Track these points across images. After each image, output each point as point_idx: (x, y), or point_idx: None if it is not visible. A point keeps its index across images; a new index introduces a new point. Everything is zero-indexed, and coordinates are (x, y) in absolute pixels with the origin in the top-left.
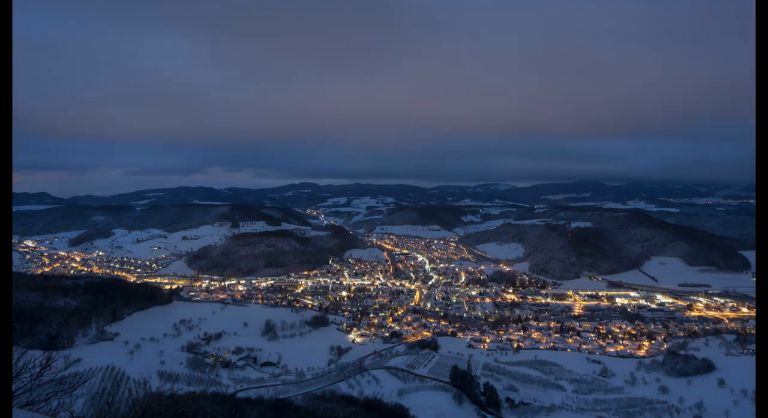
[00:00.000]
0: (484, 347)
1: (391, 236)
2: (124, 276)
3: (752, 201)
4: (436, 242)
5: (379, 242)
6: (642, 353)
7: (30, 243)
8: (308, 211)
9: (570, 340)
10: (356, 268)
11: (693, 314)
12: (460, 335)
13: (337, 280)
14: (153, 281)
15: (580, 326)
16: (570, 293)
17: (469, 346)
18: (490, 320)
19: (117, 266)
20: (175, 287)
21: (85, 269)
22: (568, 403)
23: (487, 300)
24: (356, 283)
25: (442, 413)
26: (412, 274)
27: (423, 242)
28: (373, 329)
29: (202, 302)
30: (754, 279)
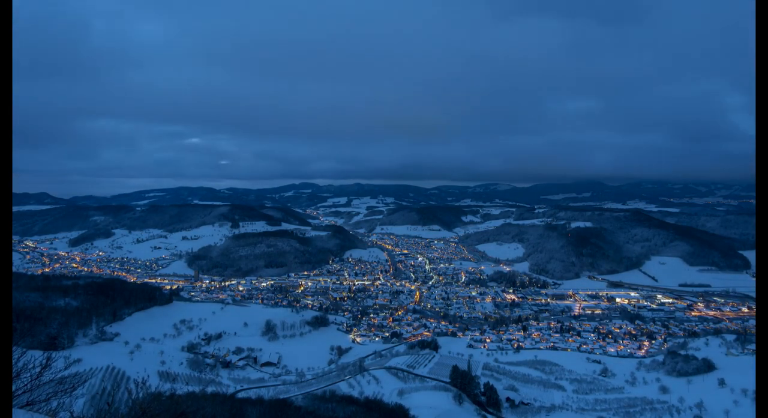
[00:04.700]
0: (484, 347)
1: (391, 236)
2: (124, 276)
3: (752, 201)
4: (436, 242)
5: (379, 242)
6: (642, 353)
7: (30, 243)
8: (308, 211)
9: (570, 340)
10: (356, 268)
11: (693, 313)
12: (460, 335)
13: (338, 280)
14: (153, 281)
15: (580, 326)
16: (570, 293)
17: (470, 346)
18: (490, 320)
19: (117, 266)
20: (175, 287)
21: (85, 269)
22: (568, 403)
23: (487, 300)
24: (356, 283)
25: (442, 413)
26: (412, 274)
27: (423, 242)
28: (373, 329)
29: (202, 302)
30: (754, 279)
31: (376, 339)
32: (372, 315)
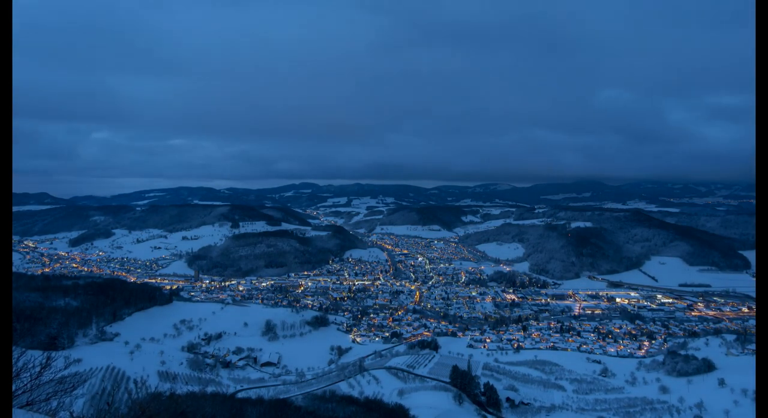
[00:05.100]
0: (484, 347)
1: (391, 236)
2: (124, 276)
3: (752, 201)
4: (436, 242)
5: (379, 242)
6: (642, 353)
7: (30, 243)
8: (308, 211)
9: (570, 340)
10: (356, 268)
11: (693, 313)
12: (460, 335)
13: (338, 280)
14: (153, 281)
15: (580, 326)
16: (570, 293)
17: (470, 346)
18: (490, 320)
19: (117, 266)
20: (175, 287)
21: (85, 269)
22: (568, 403)
23: (487, 300)
24: (356, 283)
25: (442, 413)
26: (412, 274)
27: (423, 242)
28: (373, 329)
29: (202, 302)
30: (754, 279)
31: (376, 339)
32: (372, 315)
